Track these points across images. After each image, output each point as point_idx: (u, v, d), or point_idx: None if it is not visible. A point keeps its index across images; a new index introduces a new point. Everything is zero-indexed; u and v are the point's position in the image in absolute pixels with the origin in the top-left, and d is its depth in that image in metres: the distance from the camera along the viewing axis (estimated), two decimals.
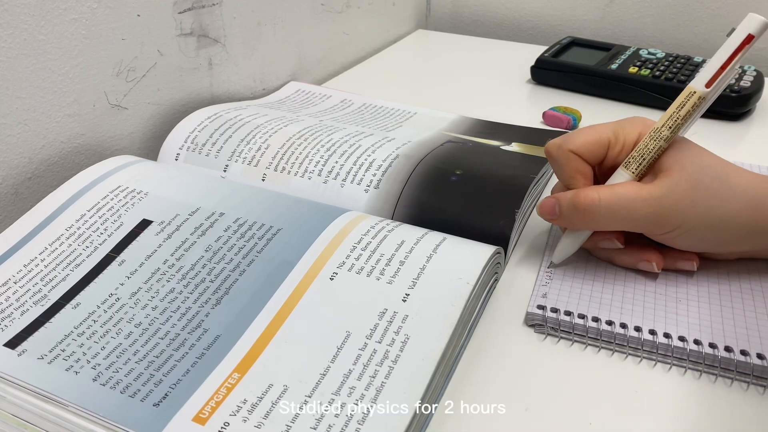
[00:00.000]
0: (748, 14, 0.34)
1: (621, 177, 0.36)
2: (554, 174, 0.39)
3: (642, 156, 0.35)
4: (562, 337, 0.34)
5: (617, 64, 0.66)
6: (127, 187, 0.39)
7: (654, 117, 0.62)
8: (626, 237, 0.37)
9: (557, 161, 0.38)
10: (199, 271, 0.34)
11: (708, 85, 0.34)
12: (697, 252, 0.37)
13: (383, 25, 0.82)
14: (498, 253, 0.36)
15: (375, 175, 0.42)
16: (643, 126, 0.37)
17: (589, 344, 0.34)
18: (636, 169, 0.36)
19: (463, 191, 0.40)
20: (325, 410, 0.27)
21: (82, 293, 0.33)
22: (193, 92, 0.53)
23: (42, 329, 0.31)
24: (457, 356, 0.33)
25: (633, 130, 0.37)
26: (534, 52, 0.71)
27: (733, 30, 0.35)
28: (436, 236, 0.35)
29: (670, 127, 0.35)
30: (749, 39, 0.34)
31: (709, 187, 0.34)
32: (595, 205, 0.35)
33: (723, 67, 0.34)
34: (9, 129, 0.39)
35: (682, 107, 0.35)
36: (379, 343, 0.29)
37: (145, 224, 0.36)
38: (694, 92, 0.35)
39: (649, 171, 0.36)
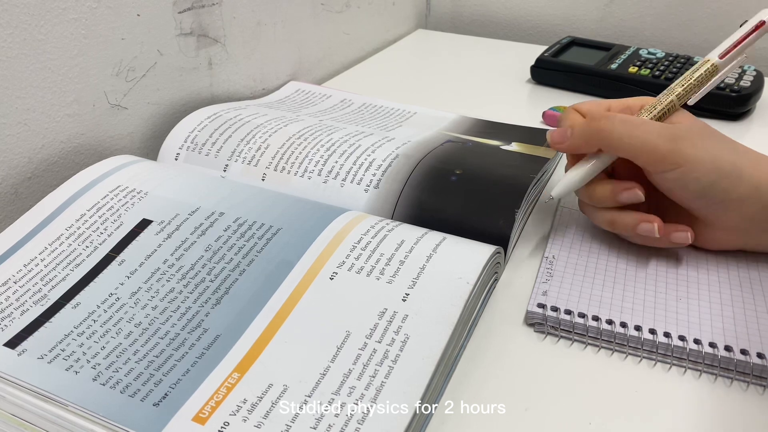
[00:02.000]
0: (763, 9, 0.39)
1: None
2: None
3: (654, 106, 0.38)
4: (562, 337, 0.34)
5: (617, 64, 0.66)
6: (127, 187, 0.39)
7: None
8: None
9: (565, 113, 0.39)
10: (199, 271, 0.34)
11: (722, 57, 0.39)
12: (706, 218, 0.37)
13: (383, 25, 0.82)
14: (498, 252, 0.36)
15: (375, 174, 0.42)
16: (644, 99, 0.40)
17: (589, 344, 0.34)
18: (647, 116, 0.37)
19: (463, 191, 0.40)
20: (325, 410, 0.27)
21: (82, 293, 0.33)
22: (193, 92, 0.53)
23: (42, 329, 0.31)
24: (457, 356, 0.33)
25: (637, 101, 0.40)
26: (534, 52, 0.71)
27: (745, 21, 0.40)
28: (435, 236, 0.35)
29: (683, 85, 0.38)
30: (761, 24, 0.40)
31: (724, 145, 0.36)
32: (611, 118, 0.36)
33: (736, 44, 0.40)
34: (9, 129, 0.39)
35: (695, 71, 0.39)
36: (379, 342, 0.29)
37: (145, 224, 0.36)
38: (708, 60, 0.39)
39: None
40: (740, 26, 0.38)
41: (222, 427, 0.26)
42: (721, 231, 0.38)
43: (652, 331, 0.33)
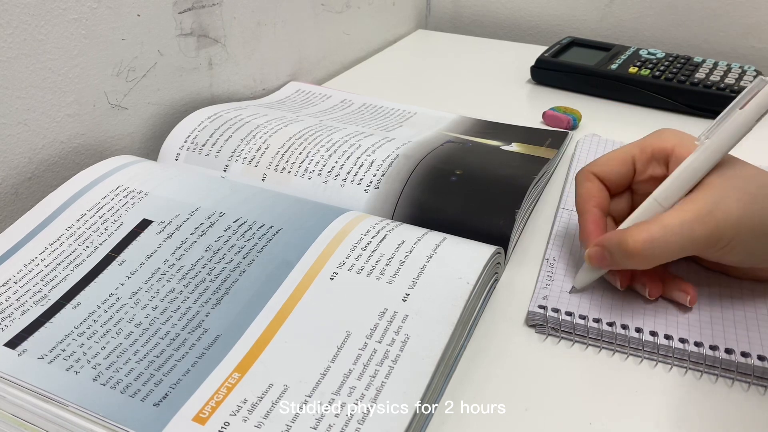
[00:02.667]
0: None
1: (652, 208, 0.34)
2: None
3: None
4: (562, 338, 0.34)
5: (617, 64, 0.66)
6: (127, 187, 0.39)
7: (655, 117, 0.63)
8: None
9: (576, 183, 0.37)
10: (200, 271, 0.34)
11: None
12: (747, 267, 0.35)
13: (383, 25, 0.81)
14: (498, 253, 0.36)
15: (375, 175, 0.42)
16: (675, 138, 0.36)
17: (590, 345, 0.34)
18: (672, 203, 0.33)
19: (463, 191, 0.40)
20: (325, 410, 0.27)
21: (82, 293, 0.33)
22: (193, 92, 0.53)
23: (42, 329, 0.31)
24: (457, 356, 0.33)
25: (663, 141, 0.36)
26: (534, 52, 0.71)
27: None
28: (436, 236, 0.35)
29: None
30: None
31: (756, 195, 0.32)
32: (649, 244, 0.32)
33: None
34: (9, 129, 0.39)
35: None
36: (379, 342, 0.29)
37: (145, 224, 0.36)
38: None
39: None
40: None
41: (222, 427, 0.26)
42: (761, 271, 0.36)
43: (653, 334, 0.33)
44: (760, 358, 0.31)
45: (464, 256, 0.34)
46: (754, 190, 0.32)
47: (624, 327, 0.33)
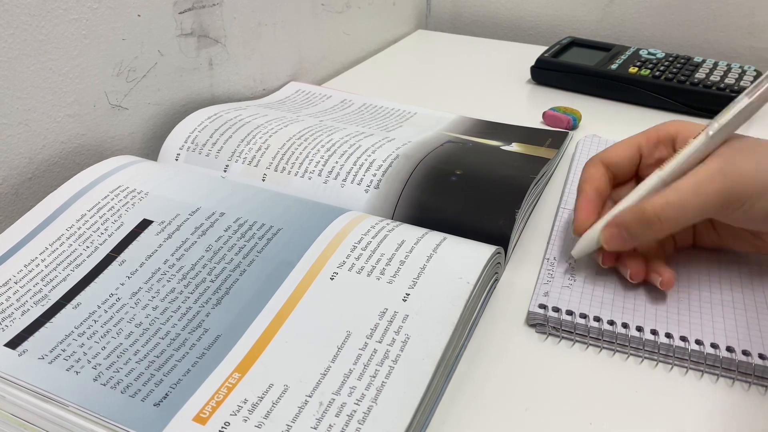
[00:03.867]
0: None
1: (655, 185, 0.35)
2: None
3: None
4: (563, 337, 0.34)
5: (617, 64, 0.66)
6: (128, 187, 0.39)
7: (655, 117, 0.63)
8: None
9: (583, 169, 0.38)
10: (200, 271, 0.34)
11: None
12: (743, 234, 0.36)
13: (383, 25, 0.82)
14: (498, 253, 0.36)
15: (375, 175, 0.42)
16: (679, 124, 0.37)
17: (591, 344, 0.34)
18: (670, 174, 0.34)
19: (463, 191, 0.40)
20: (325, 410, 0.27)
21: (82, 293, 0.33)
22: (193, 92, 0.53)
23: (42, 329, 0.31)
24: (457, 356, 0.33)
25: (668, 127, 0.37)
26: (534, 52, 0.71)
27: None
28: (436, 236, 0.35)
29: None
30: None
31: (764, 153, 0.33)
32: (666, 208, 0.32)
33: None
34: (9, 129, 0.39)
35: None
36: (380, 342, 0.29)
37: (145, 224, 0.36)
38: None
39: None
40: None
41: (222, 427, 0.26)
42: None
43: (654, 332, 0.33)
44: (761, 356, 0.31)
45: (464, 256, 0.34)
46: (765, 146, 0.33)
47: (624, 326, 0.33)
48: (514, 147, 0.49)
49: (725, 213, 0.33)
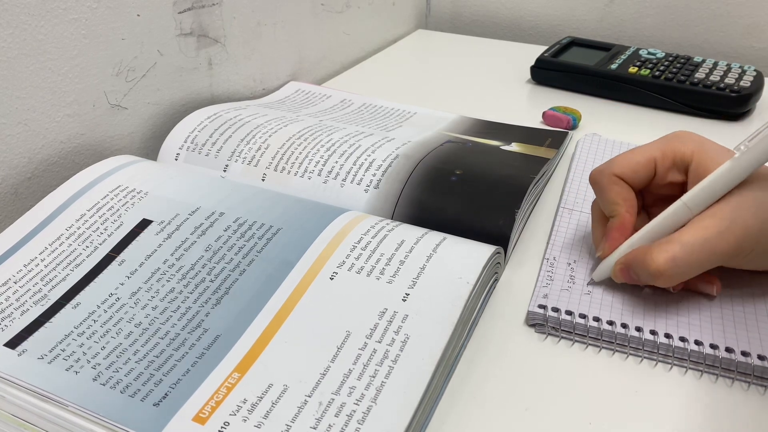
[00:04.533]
0: None
1: (681, 212, 0.34)
2: (597, 199, 0.38)
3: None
4: (562, 337, 0.34)
5: (617, 64, 0.66)
6: (127, 187, 0.39)
7: (655, 117, 0.63)
8: None
9: (599, 185, 0.37)
10: (199, 271, 0.34)
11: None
12: None
13: (383, 25, 0.81)
14: (498, 253, 0.36)
15: (375, 175, 0.42)
16: (694, 143, 0.36)
17: (590, 344, 0.34)
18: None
19: (463, 191, 0.40)
20: (325, 410, 0.27)
21: (82, 293, 0.33)
22: (193, 92, 0.53)
23: (42, 329, 0.31)
24: (457, 356, 0.33)
25: (683, 146, 0.36)
26: (534, 52, 0.71)
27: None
28: (435, 236, 0.35)
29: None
30: None
31: None
32: (672, 265, 0.32)
33: None
34: (9, 129, 0.39)
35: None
36: (379, 342, 0.29)
37: (145, 224, 0.36)
38: None
39: None
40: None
41: (222, 427, 0.26)
42: None
43: (653, 332, 0.33)
44: (760, 357, 0.31)
45: (464, 256, 0.34)
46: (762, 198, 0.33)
47: (624, 326, 0.33)
48: (514, 147, 0.49)
49: (731, 264, 0.34)
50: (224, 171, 0.44)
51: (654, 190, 0.38)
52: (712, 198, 0.33)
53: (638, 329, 0.33)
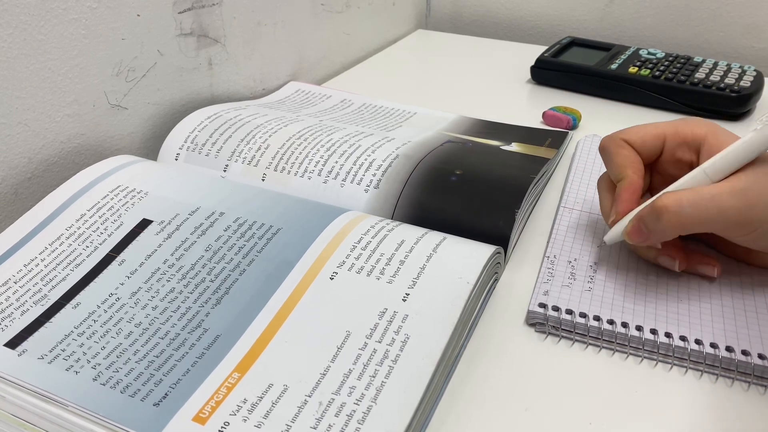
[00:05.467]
0: None
1: (699, 178, 0.34)
2: (605, 167, 0.38)
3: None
4: (563, 337, 0.34)
5: (617, 64, 0.66)
6: (127, 187, 0.39)
7: (655, 117, 0.63)
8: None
9: (608, 150, 0.37)
10: (199, 271, 0.34)
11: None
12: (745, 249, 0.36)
13: (383, 25, 0.81)
14: (498, 252, 0.36)
15: (375, 175, 0.42)
16: (707, 126, 0.36)
17: (590, 344, 0.34)
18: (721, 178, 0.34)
19: (463, 191, 0.40)
20: (325, 410, 0.27)
21: (82, 293, 0.33)
22: (193, 92, 0.53)
23: (42, 329, 0.31)
24: (457, 356, 0.33)
25: (696, 128, 0.36)
26: (534, 52, 0.71)
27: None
28: (435, 236, 0.35)
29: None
30: None
31: None
32: (679, 206, 0.33)
33: None
34: (9, 129, 0.39)
35: None
36: (379, 342, 0.29)
37: (145, 224, 0.36)
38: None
39: None
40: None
41: (222, 427, 0.26)
42: None
43: (653, 332, 0.33)
44: (761, 356, 0.31)
45: (464, 256, 0.34)
46: None
47: (624, 325, 0.33)
48: (514, 147, 0.49)
49: (735, 232, 0.34)
50: (224, 171, 0.44)
51: (661, 169, 0.38)
52: (731, 168, 0.33)
53: (638, 328, 0.33)
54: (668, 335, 0.33)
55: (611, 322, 0.34)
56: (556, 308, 0.35)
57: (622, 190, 0.36)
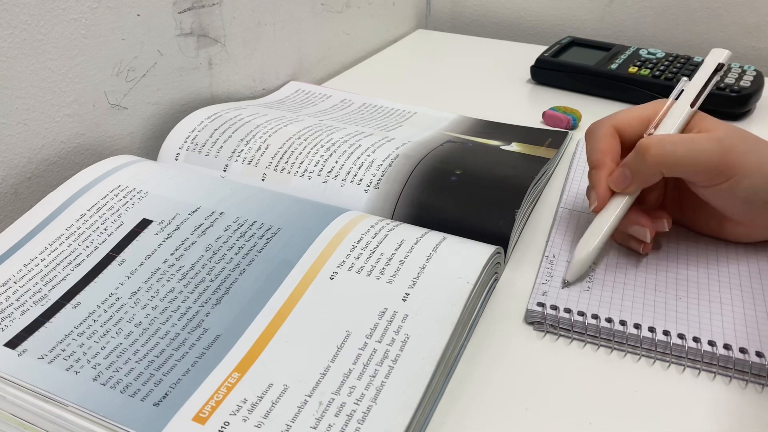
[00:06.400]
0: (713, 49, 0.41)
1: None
2: (585, 152, 0.39)
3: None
4: (561, 335, 0.34)
5: (617, 64, 0.66)
6: (127, 187, 0.39)
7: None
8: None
9: (594, 135, 0.38)
10: (199, 271, 0.34)
11: (692, 105, 0.38)
12: (743, 219, 0.38)
13: (383, 25, 0.82)
14: (498, 252, 0.36)
15: (375, 174, 0.42)
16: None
17: (589, 342, 0.34)
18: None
19: (463, 191, 0.40)
20: (325, 410, 0.27)
21: (82, 293, 0.33)
22: (193, 92, 0.53)
23: (42, 329, 0.31)
24: (457, 356, 0.33)
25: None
26: (534, 52, 0.71)
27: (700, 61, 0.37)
28: (435, 236, 0.35)
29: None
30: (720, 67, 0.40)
31: (757, 141, 0.36)
32: (661, 144, 0.35)
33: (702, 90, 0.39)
34: (9, 129, 0.39)
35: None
36: (379, 342, 0.29)
37: (145, 224, 0.36)
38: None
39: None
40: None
41: (222, 427, 0.26)
42: (754, 228, 0.38)
43: (652, 329, 0.33)
44: (758, 354, 0.31)
45: (464, 256, 0.34)
46: (753, 139, 0.36)
47: (622, 323, 0.33)
48: (514, 147, 0.49)
49: (711, 179, 0.35)
50: (224, 171, 0.44)
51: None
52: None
53: (636, 326, 0.33)
54: (666, 333, 0.33)
55: (609, 320, 0.34)
56: (554, 307, 0.35)
57: (599, 178, 0.38)
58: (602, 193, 0.37)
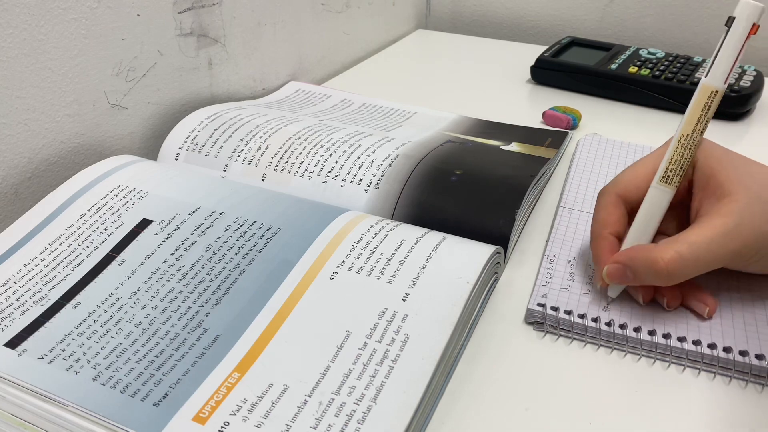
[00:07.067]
0: (741, 1, 0.33)
1: (661, 193, 0.34)
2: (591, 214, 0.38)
3: (681, 167, 0.34)
4: (561, 335, 0.34)
5: (617, 64, 0.66)
6: (127, 187, 0.39)
7: (655, 117, 0.63)
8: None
9: (597, 203, 0.37)
10: (199, 271, 0.34)
11: (726, 82, 0.34)
12: None
13: (383, 25, 0.81)
14: (498, 252, 0.36)
15: (375, 174, 0.42)
16: (701, 150, 0.35)
17: (589, 342, 0.34)
18: (678, 182, 0.34)
19: (463, 191, 0.40)
20: (325, 410, 0.27)
21: (82, 293, 0.33)
22: (193, 92, 0.53)
23: (42, 329, 0.31)
24: (457, 356, 0.33)
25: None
26: (534, 52, 0.71)
27: (732, 19, 0.33)
28: (435, 236, 0.35)
29: (701, 132, 0.34)
30: (755, 29, 0.34)
31: None
32: (679, 263, 0.32)
33: (735, 62, 0.34)
34: (9, 129, 0.39)
35: (708, 109, 0.34)
36: (379, 342, 0.29)
37: (145, 224, 0.36)
38: (716, 91, 0.34)
39: (705, 195, 0.34)
40: (726, 26, 0.34)
41: (222, 427, 0.26)
42: None
43: (651, 333, 0.33)
44: (758, 357, 0.31)
45: (464, 256, 0.34)
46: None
47: (622, 326, 0.33)
48: (514, 147, 0.49)
49: (734, 265, 0.34)
50: (224, 171, 0.44)
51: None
52: (652, 229, 0.35)
53: (636, 329, 0.33)
54: (666, 336, 0.33)
55: (609, 323, 0.34)
56: (554, 308, 0.35)
57: (597, 251, 0.36)
58: (599, 265, 0.35)
